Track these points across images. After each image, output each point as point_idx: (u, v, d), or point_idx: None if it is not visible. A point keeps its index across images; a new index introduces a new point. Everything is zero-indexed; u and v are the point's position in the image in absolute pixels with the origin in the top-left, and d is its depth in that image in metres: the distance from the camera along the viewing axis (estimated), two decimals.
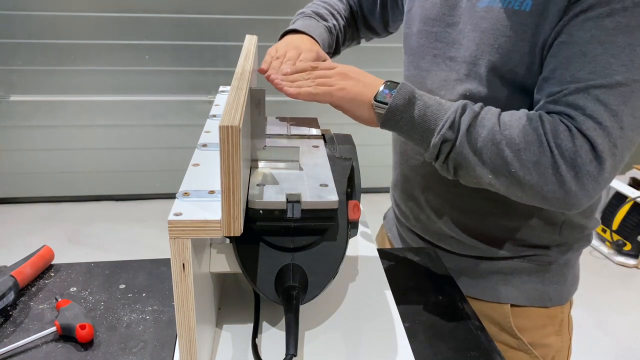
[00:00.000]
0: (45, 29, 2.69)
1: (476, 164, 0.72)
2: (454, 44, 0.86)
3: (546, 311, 0.94)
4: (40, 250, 0.86)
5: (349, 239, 0.66)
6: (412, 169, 0.97)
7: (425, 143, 0.75)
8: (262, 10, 2.78)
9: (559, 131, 0.69)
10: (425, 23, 0.91)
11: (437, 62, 0.89)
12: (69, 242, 2.70)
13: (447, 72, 0.87)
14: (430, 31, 0.90)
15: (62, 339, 0.72)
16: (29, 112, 2.84)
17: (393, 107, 0.74)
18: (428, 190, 0.95)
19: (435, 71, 0.89)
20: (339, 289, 0.79)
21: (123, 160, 3.02)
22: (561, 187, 0.69)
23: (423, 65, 0.92)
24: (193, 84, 2.90)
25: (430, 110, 0.74)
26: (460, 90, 0.85)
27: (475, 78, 0.83)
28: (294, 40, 0.92)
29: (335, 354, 0.67)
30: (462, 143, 0.72)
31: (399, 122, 0.75)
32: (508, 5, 0.78)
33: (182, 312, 0.53)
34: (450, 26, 0.87)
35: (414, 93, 0.75)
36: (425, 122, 0.74)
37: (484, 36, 0.80)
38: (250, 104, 0.62)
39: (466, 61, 0.84)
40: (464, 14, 0.84)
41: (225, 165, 0.49)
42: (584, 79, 0.70)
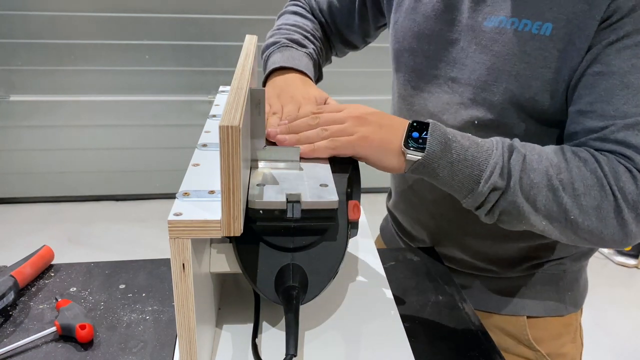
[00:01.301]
0: (45, 29, 2.69)
1: (530, 212, 0.66)
2: (455, 64, 0.80)
3: (562, 320, 0.92)
4: (40, 250, 0.86)
5: (349, 239, 0.66)
6: (417, 194, 0.92)
7: (467, 190, 0.67)
8: (262, 10, 2.78)
9: (619, 173, 0.65)
10: (419, 40, 0.84)
11: (439, 84, 0.83)
12: (69, 242, 2.70)
13: (449, 95, 0.81)
14: (427, 49, 0.83)
15: (62, 339, 0.72)
16: (29, 112, 2.84)
17: (430, 153, 0.65)
18: (438, 217, 0.91)
19: (437, 93, 0.83)
20: (339, 289, 0.79)
21: (123, 160, 3.02)
22: (622, 229, 0.65)
23: (423, 86, 0.85)
24: (193, 84, 2.90)
25: (470, 154, 0.66)
26: (465, 116, 0.79)
27: (484, 104, 0.77)
28: (284, 87, 0.82)
29: (335, 354, 0.67)
30: (515, 191, 0.65)
31: (436, 169, 0.66)
32: (524, 29, 0.71)
33: (182, 312, 0.53)
34: (450, 44, 0.80)
35: (447, 134, 0.66)
36: (467, 168, 0.65)
37: (497, 61, 0.74)
38: (250, 104, 0.62)
39: (472, 85, 0.78)
40: (465, 31, 0.78)
41: (225, 165, 0.49)
42: (631, 114, 0.65)
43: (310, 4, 1.03)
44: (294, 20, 0.99)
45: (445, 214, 0.90)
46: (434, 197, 0.89)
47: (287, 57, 0.89)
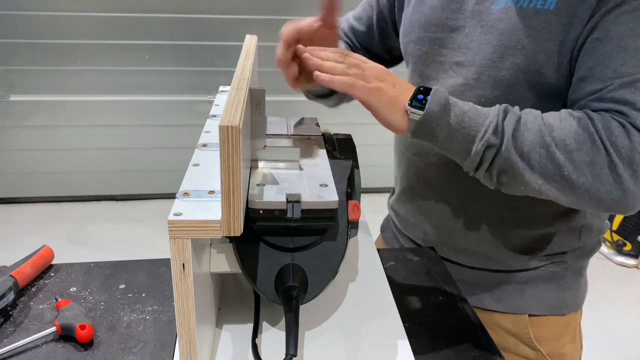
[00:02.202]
0: (45, 29, 2.69)
1: (524, 169, 0.68)
2: (460, 49, 0.82)
3: (562, 319, 0.92)
4: (40, 250, 0.86)
5: (349, 239, 0.66)
6: (422, 181, 0.93)
7: (465, 151, 0.70)
8: (262, 10, 2.78)
9: (612, 128, 0.66)
10: (426, 29, 0.87)
11: (445, 69, 0.85)
12: (69, 242, 2.70)
13: (454, 79, 0.84)
14: (434, 37, 0.86)
15: (62, 339, 0.72)
16: (29, 112, 2.84)
17: (429, 113, 0.68)
18: (442, 203, 0.91)
19: (443, 79, 0.85)
20: (339, 289, 0.79)
21: (123, 160, 3.02)
22: (619, 187, 0.66)
23: (429, 73, 0.88)
24: (193, 84, 2.90)
25: (467, 116, 0.69)
26: (471, 96, 0.81)
27: (489, 82, 0.79)
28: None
29: (335, 354, 0.67)
30: (508, 148, 0.67)
31: (434, 129, 0.69)
32: (529, 5, 0.74)
33: (182, 312, 0.53)
34: (454, 31, 0.83)
35: (447, 99, 0.70)
36: (464, 129, 0.69)
37: (503, 38, 0.76)
38: (250, 104, 0.62)
39: (476, 65, 0.80)
40: (470, 17, 0.81)
41: (225, 165, 0.49)
42: (628, 73, 0.67)
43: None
44: None
45: (449, 200, 0.90)
46: (438, 183, 0.90)
47: None
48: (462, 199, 0.89)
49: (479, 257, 0.92)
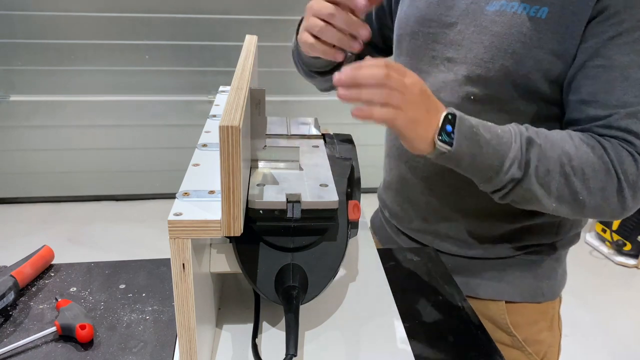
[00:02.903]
0: (45, 29, 2.69)
1: (542, 195, 0.72)
2: (452, 45, 0.85)
3: (539, 307, 0.95)
4: (40, 250, 0.86)
5: (349, 239, 0.66)
6: (411, 170, 0.96)
7: (485, 178, 0.72)
8: (262, 10, 2.78)
9: (622, 157, 0.72)
10: (421, 24, 0.89)
11: (436, 64, 0.88)
12: (69, 242, 2.70)
13: (445, 74, 0.86)
14: (427, 32, 0.88)
15: (62, 339, 0.72)
16: (29, 112, 2.84)
17: (457, 150, 0.69)
18: (429, 193, 0.94)
19: (434, 73, 0.88)
20: (339, 289, 0.79)
21: (123, 160, 3.02)
22: (621, 205, 0.74)
23: (421, 67, 0.90)
24: (193, 84, 2.90)
25: (491, 147, 0.70)
26: (461, 92, 0.84)
27: (479, 81, 0.82)
28: None
29: (335, 354, 0.67)
30: (531, 180, 0.71)
31: (459, 160, 0.70)
32: (522, 12, 0.77)
33: (182, 312, 0.53)
34: (447, 27, 0.85)
35: (472, 128, 0.70)
36: (487, 159, 0.70)
37: (495, 40, 0.79)
38: (250, 104, 0.62)
39: (468, 62, 0.83)
40: (464, 15, 0.84)
41: (225, 165, 0.49)
42: (631, 103, 0.73)
43: None
44: None
45: (436, 190, 0.93)
46: (427, 173, 0.92)
47: None
48: (448, 190, 0.91)
49: (459, 245, 0.95)
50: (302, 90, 2.94)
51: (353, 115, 0.65)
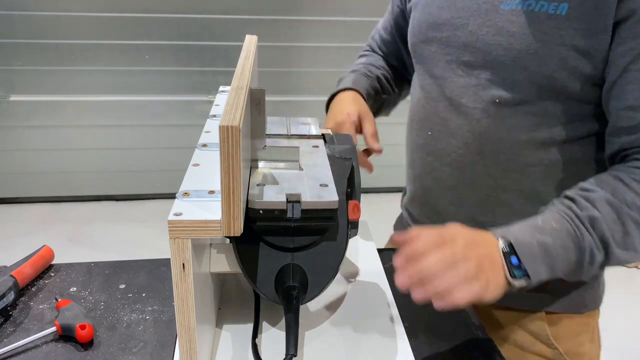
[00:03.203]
0: (45, 29, 2.69)
1: (633, 256, 0.69)
2: (465, 48, 0.82)
3: (581, 318, 0.91)
4: (40, 250, 0.86)
5: (349, 239, 0.66)
6: (436, 181, 0.91)
7: (575, 275, 0.69)
8: (262, 10, 2.78)
9: None
10: (433, 29, 0.87)
11: (452, 68, 0.85)
12: (69, 242, 2.70)
13: (464, 79, 0.83)
14: (440, 37, 0.86)
15: (62, 339, 0.72)
16: (29, 112, 2.84)
17: (536, 277, 0.65)
18: (457, 203, 0.90)
19: (451, 78, 0.85)
20: (339, 289, 0.79)
21: (123, 160, 3.02)
22: None
23: (437, 72, 0.88)
24: (193, 84, 2.90)
25: (562, 250, 0.66)
26: (485, 96, 0.81)
27: (503, 84, 0.79)
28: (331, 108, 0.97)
29: (335, 354, 0.67)
30: (615, 252, 0.67)
31: (540, 280, 0.67)
32: (541, 9, 0.74)
33: (182, 312, 0.53)
34: (458, 29, 0.83)
35: (534, 247, 0.65)
36: (565, 264, 0.67)
37: (514, 40, 0.76)
38: (250, 104, 0.62)
39: (488, 66, 0.80)
40: (475, 15, 0.81)
41: (225, 165, 0.49)
42: None
43: (371, 44, 1.14)
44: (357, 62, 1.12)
45: (464, 199, 0.89)
46: (453, 183, 0.89)
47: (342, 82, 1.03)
48: (477, 199, 0.87)
49: None
50: (302, 90, 2.94)
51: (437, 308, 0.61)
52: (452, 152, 0.87)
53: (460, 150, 0.86)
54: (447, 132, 0.87)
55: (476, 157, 0.85)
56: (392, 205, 1.19)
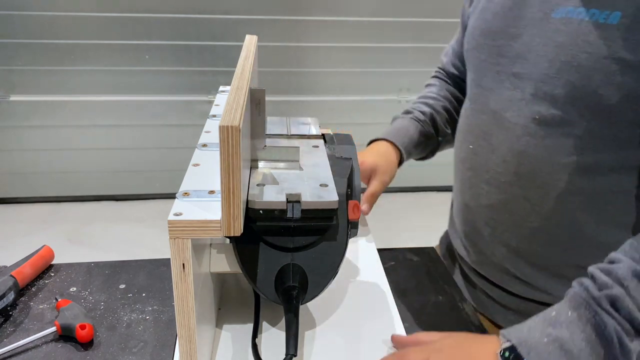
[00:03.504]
0: (45, 29, 2.69)
1: None
2: (517, 59, 0.77)
3: None
4: (40, 250, 0.86)
5: (349, 239, 0.66)
6: (474, 198, 0.87)
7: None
8: (262, 10, 2.78)
9: None
10: (486, 36, 0.83)
11: (501, 80, 0.80)
12: (69, 242, 2.70)
13: (511, 91, 0.78)
14: (492, 45, 0.81)
15: (62, 339, 0.72)
16: (29, 112, 2.84)
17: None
18: (492, 226, 0.85)
19: (499, 90, 0.80)
20: (339, 289, 0.79)
21: (123, 160, 3.02)
22: None
23: (485, 83, 0.83)
24: (193, 84, 2.90)
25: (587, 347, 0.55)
26: (526, 112, 0.76)
27: (545, 99, 0.74)
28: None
29: (335, 354, 0.67)
30: None
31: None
32: (591, 18, 0.68)
33: (182, 312, 0.53)
34: (513, 39, 0.78)
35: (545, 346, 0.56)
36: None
37: (559, 51, 0.71)
38: (250, 104, 0.62)
39: (533, 79, 0.75)
40: (530, 25, 0.76)
41: (225, 165, 0.49)
42: None
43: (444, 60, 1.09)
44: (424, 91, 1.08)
45: (500, 222, 0.83)
46: (490, 201, 0.84)
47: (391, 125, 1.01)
48: (512, 225, 0.82)
49: (528, 286, 0.85)
50: (302, 90, 2.94)
51: None
52: (491, 169, 0.83)
53: (498, 168, 0.81)
54: (488, 148, 0.83)
55: (513, 177, 0.80)
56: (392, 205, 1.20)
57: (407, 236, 2.62)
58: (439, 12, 2.82)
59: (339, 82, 2.92)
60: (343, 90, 2.93)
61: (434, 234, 1.21)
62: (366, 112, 2.97)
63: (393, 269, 0.90)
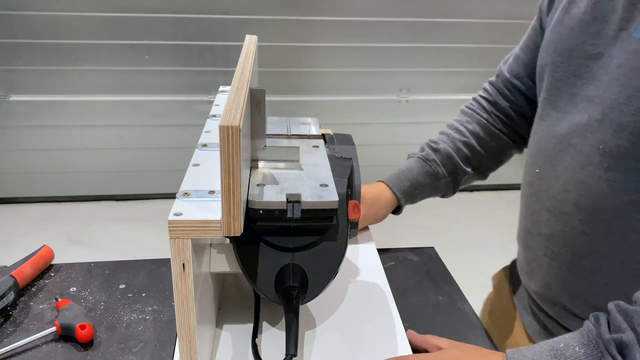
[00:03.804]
0: (45, 29, 2.69)
1: None
2: (593, 81, 0.70)
3: None
4: (40, 250, 0.86)
5: (349, 239, 0.66)
6: (535, 224, 0.81)
7: None
8: (262, 10, 2.78)
9: None
10: (560, 54, 0.75)
11: (575, 103, 0.73)
12: (69, 242, 2.70)
13: (580, 115, 0.71)
14: (568, 64, 0.74)
15: (62, 339, 0.72)
16: (29, 112, 2.84)
17: None
18: (550, 257, 0.79)
19: (571, 114, 0.73)
20: (339, 289, 0.79)
21: (123, 160, 3.02)
22: None
23: (560, 105, 0.76)
24: (193, 84, 2.90)
25: None
26: (592, 140, 0.69)
27: (611, 126, 0.67)
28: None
29: (335, 354, 0.67)
30: None
31: None
32: None
33: (182, 312, 0.53)
34: (591, 58, 0.71)
35: None
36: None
37: (633, 75, 0.64)
38: (250, 104, 0.62)
39: (602, 104, 0.68)
40: (611, 44, 0.69)
41: (226, 165, 0.49)
42: None
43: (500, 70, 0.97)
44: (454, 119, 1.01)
45: (557, 255, 0.78)
46: (549, 231, 0.78)
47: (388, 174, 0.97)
48: (569, 260, 0.76)
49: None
50: (302, 90, 2.94)
51: None
52: (552, 197, 0.77)
53: (559, 197, 0.75)
54: (553, 174, 0.77)
55: (573, 208, 0.73)
56: None
57: (407, 236, 2.62)
58: (439, 12, 2.82)
59: (339, 82, 2.92)
60: (343, 90, 2.93)
61: (434, 234, 1.21)
62: (366, 112, 2.97)
63: (393, 269, 0.90)
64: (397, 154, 3.00)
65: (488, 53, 2.93)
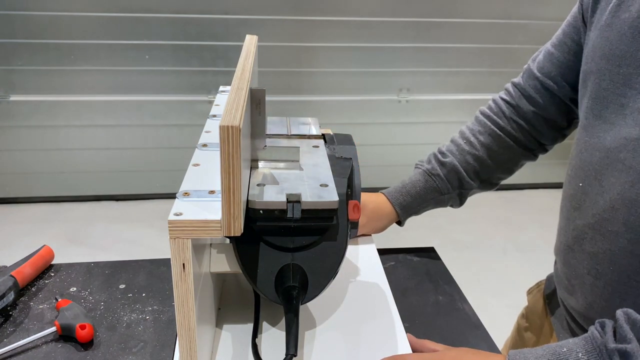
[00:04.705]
0: (45, 29, 2.69)
1: None
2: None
3: None
4: (40, 250, 0.86)
5: (349, 239, 0.66)
6: (577, 241, 0.77)
7: None
8: (262, 10, 2.78)
9: None
10: (609, 60, 0.70)
11: (624, 115, 0.68)
12: (69, 242, 2.70)
13: (630, 129, 0.67)
14: (617, 72, 0.69)
15: (62, 339, 0.72)
16: (29, 112, 2.84)
17: None
18: (594, 276, 0.75)
19: (620, 126, 0.68)
20: (339, 289, 0.79)
21: (123, 160, 3.02)
22: None
23: (606, 115, 0.71)
24: (193, 84, 2.90)
25: None
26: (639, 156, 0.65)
27: None
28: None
29: (335, 354, 0.67)
30: None
31: None
32: None
33: (182, 312, 0.53)
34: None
35: None
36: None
37: None
38: (250, 104, 0.62)
39: None
40: None
41: (226, 165, 0.49)
42: None
43: (528, 69, 0.91)
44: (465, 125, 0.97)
45: (603, 275, 0.73)
46: (594, 249, 0.74)
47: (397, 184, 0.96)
48: (615, 281, 0.72)
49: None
50: (302, 90, 2.94)
51: None
52: (597, 214, 0.72)
53: (605, 214, 0.71)
54: (598, 189, 0.72)
55: (621, 227, 0.69)
56: None
57: (407, 236, 2.62)
58: (439, 12, 2.82)
59: (339, 82, 2.92)
60: (343, 90, 2.93)
61: (434, 234, 1.21)
62: (366, 112, 2.97)
63: (393, 269, 0.90)
64: (397, 154, 3.01)
65: (488, 53, 2.93)
